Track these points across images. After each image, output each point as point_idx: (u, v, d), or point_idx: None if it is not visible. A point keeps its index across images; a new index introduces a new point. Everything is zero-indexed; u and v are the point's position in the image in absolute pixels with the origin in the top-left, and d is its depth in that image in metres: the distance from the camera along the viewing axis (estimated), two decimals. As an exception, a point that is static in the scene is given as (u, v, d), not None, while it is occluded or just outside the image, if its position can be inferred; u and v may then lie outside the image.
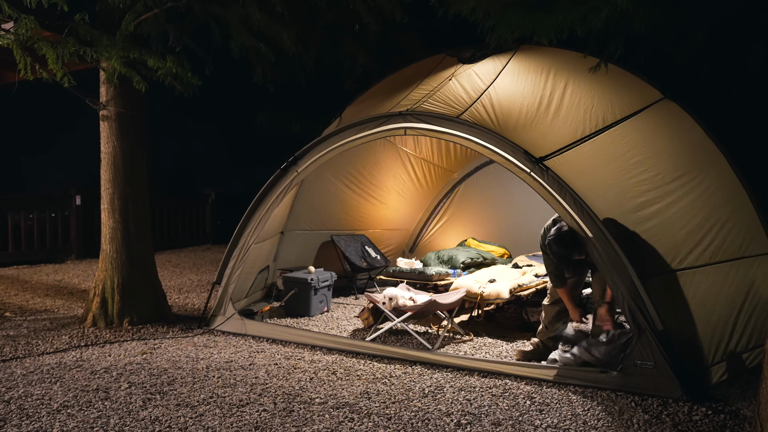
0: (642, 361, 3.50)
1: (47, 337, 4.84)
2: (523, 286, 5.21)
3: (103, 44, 4.51)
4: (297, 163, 5.03)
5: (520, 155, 3.94)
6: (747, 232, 4.13)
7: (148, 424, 3.08)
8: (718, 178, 4.26)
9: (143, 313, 5.25)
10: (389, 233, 7.96)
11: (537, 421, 3.15)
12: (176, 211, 12.31)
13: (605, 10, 3.34)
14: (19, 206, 9.40)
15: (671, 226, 3.93)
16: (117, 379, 3.78)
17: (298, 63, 6.81)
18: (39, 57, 4.50)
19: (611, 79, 4.46)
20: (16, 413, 3.20)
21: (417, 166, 7.56)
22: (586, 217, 3.66)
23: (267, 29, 5.11)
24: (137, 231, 5.29)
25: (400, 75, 5.85)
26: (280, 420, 3.14)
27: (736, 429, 3.06)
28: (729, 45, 3.85)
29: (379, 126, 4.65)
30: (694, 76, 4.26)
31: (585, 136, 4.19)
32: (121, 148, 5.21)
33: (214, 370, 3.99)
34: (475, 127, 4.19)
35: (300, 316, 5.77)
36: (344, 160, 6.62)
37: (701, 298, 3.78)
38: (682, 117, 4.48)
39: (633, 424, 3.11)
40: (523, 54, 4.99)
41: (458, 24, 4.91)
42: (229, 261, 5.20)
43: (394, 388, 3.65)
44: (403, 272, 6.05)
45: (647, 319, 3.46)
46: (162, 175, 20.87)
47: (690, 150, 4.34)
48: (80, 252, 9.99)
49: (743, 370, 3.80)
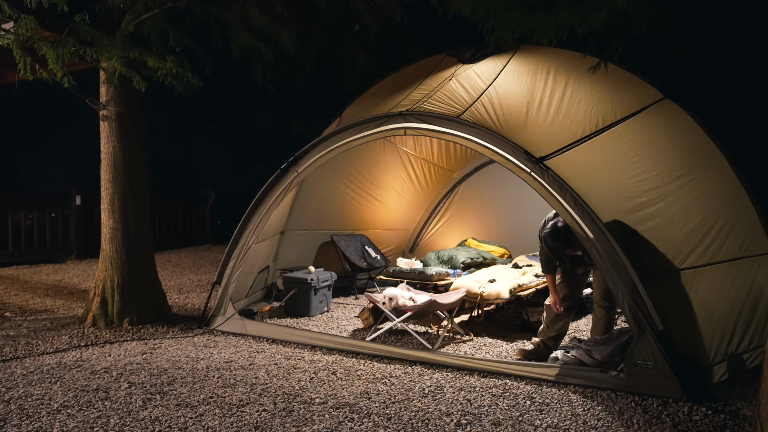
0: (642, 361, 3.50)
1: (47, 337, 4.85)
2: (523, 286, 5.21)
3: (103, 44, 4.51)
4: (297, 163, 5.03)
5: (520, 155, 3.96)
6: (747, 232, 4.13)
7: (148, 424, 3.08)
8: (718, 178, 4.26)
9: (143, 313, 5.25)
10: (389, 233, 7.96)
11: (537, 421, 3.15)
12: (176, 211, 12.31)
13: (605, 10, 3.34)
14: (19, 206, 9.40)
15: (671, 226, 3.93)
16: (117, 379, 3.78)
17: (298, 63, 6.81)
18: (39, 57, 4.50)
19: (611, 79, 4.46)
20: (16, 413, 3.20)
21: (417, 166, 7.56)
22: (586, 217, 3.67)
23: (267, 29, 5.11)
24: (137, 231, 5.30)
25: (400, 75, 5.85)
26: (280, 420, 3.14)
27: (736, 429, 3.06)
28: (729, 45, 3.85)
29: (380, 126, 4.66)
30: (694, 76, 4.25)
31: (585, 136, 4.19)
32: (121, 148, 5.21)
33: (214, 370, 3.99)
34: (475, 127, 4.21)
35: (300, 316, 5.77)
36: (344, 160, 6.62)
37: (702, 298, 3.78)
38: (682, 117, 4.48)
39: (633, 424, 3.11)
40: (523, 54, 4.99)
41: (458, 24, 4.91)
42: (229, 261, 5.20)
43: (394, 388, 3.65)
44: (403, 272, 6.05)
45: (647, 319, 3.46)
46: (162, 175, 20.87)
47: (690, 150, 4.34)
48: (80, 252, 9.99)
49: (744, 370, 3.80)
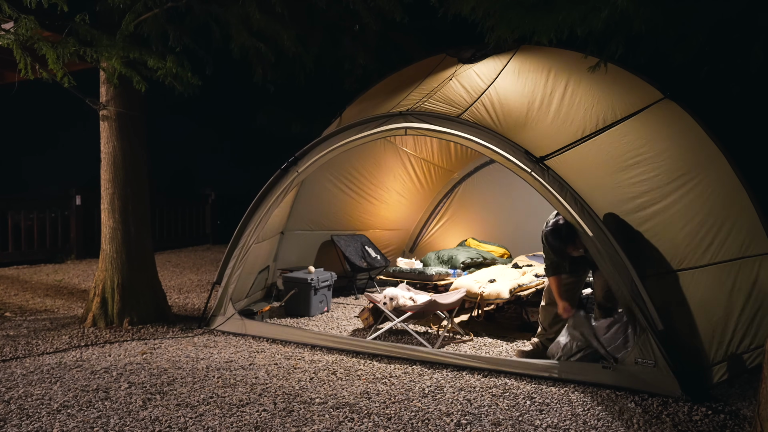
0: (642, 361, 3.50)
1: (47, 337, 4.85)
2: (523, 286, 5.21)
3: (103, 44, 4.51)
4: (297, 163, 5.03)
5: (520, 155, 3.96)
6: (747, 231, 4.12)
7: (148, 424, 3.08)
8: (719, 178, 4.25)
9: (143, 313, 5.25)
10: (389, 233, 7.96)
11: (537, 421, 3.15)
12: (176, 211, 12.32)
13: (605, 10, 3.33)
14: (19, 206, 9.41)
15: (671, 225, 3.93)
16: (117, 379, 3.78)
17: (298, 63, 6.81)
18: (39, 57, 4.50)
19: (611, 79, 4.46)
20: (16, 413, 3.20)
21: (417, 166, 7.56)
22: (587, 216, 3.67)
23: (267, 29, 5.11)
24: (137, 231, 5.30)
25: (400, 75, 5.85)
26: (280, 420, 3.14)
27: (736, 429, 3.06)
28: (729, 45, 3.85)
29: (380, 126, 4.66)
30: (694, 76, 4.25)
31: (585, 136, 4.19)
32: (121, 148, 5.21)
33: (214, 370, 3.99)
34: (475, 127, 4.21)
35: (300, 316, 5.77)
36: (344, 160, 6.62)
37: (702, 298, 3.78)
38: (682, 117, 4.47)
39: (633, 424, 3.11)
40: (523, 54, 4.99)
41: (458, 24, 4.91)
42: (230, 261, 5.20)
43: (394, 388, 3.65)
44: (403, 272, 6.05)
45: (647, 319, 3.46)
46: (162, 175, 20.87)
47: (690, 150, 4.34)
48: (80, 252, 10.00)
49: (744, 370, 3.80)
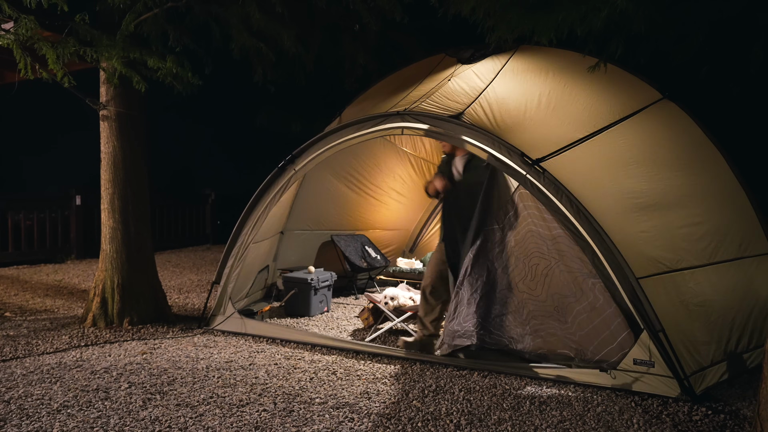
0: (641, 361, 3.50)
1: (47, 337, 4.85)
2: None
3: (103, 44, 4.51)
4: (294, 161, 5.02)
5: (516, 157, 3.86)
6: (746, 232, 4.13)
7: (148, 424, 3.08)
8: (717, 178, 4.26)
9: (143, 313, 5.25)
10: (389, 233, 7.96)
11: (537, 421, 3.15)
12: (176, 211, 12.32)
13: (605, 10, 3.34)
14: (19, 206, 9.41)
15: (670, 226, 3.93)
16: (117, 379, 3.79)
17: (298, 63, 6.81)
18: (39, 57, 4.50)
19: (610, 80, 4.45)
20: (16, 413, 3.20)
21: (417, 166, 7.56)
22: (583, 219, 3.62)
23: (267, 29, 5.11)
24: (137, 231, 5.30)
25: (400, 75, 5.85)
26: (280, 420, 3.14)
27: (736, 429, 3.06)
28: (729, 45, 3.85)
29: (377, 125, 4.64)
30: (693, 76, 4.26)
31: (584, 137, 4.17)
32: (121, 148, 5.21)
33: (214, 370, 3.99)
34: (471, 129, 4.12)
35: (300, 316, 5.77)
36: (344, 160, 6.62)
37: (700, 298, 3.78)
38: (682, 117, 4.48)
39: (633, 424, 3.11)
40: (523, 54, 4.98)
41: (458, 24, 4.91)
42: (228, 260, 5.20)
43: (394, 388, 3.65)
44: (403, 272, 6.06)
45: (646, 319, 3.46)
46: (162, 175, 20.90)
47: (689, 150, 4.34)
48: (80, 252, 10.00)
49: (743, 370, 3.80)
